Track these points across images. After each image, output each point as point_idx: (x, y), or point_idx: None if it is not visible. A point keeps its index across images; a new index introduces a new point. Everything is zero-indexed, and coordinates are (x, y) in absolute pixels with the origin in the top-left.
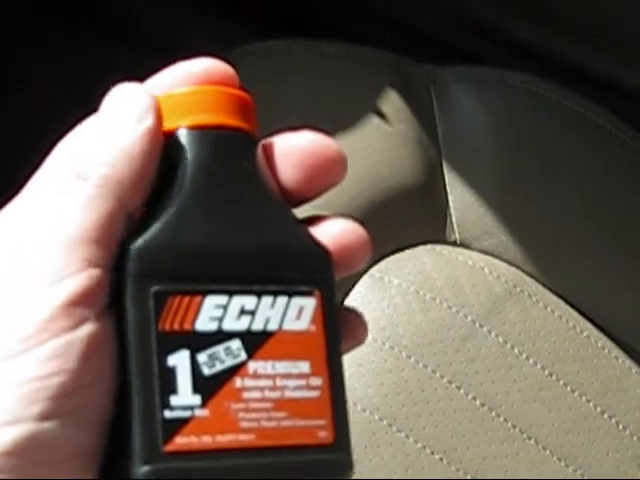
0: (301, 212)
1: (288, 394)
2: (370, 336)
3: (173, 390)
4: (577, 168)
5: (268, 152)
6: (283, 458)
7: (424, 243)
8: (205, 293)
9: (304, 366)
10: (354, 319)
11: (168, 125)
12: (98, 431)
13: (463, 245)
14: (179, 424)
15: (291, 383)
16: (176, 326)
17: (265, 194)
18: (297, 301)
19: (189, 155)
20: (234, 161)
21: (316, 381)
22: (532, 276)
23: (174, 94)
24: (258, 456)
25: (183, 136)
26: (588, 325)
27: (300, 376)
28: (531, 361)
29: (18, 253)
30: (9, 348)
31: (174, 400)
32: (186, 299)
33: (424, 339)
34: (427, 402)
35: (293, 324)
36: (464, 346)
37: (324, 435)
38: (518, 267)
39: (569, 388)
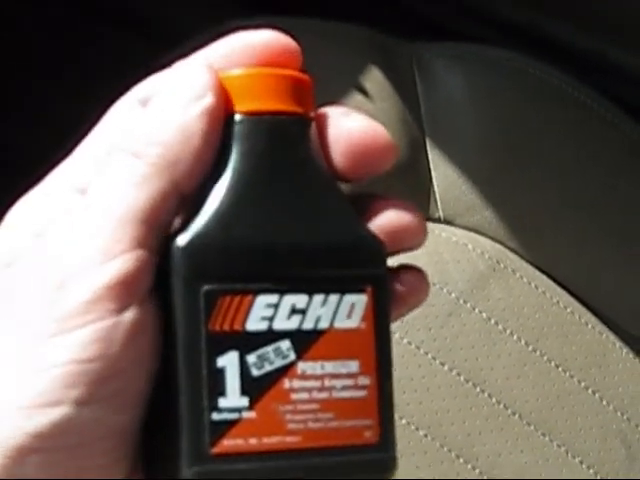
0: None
1: (336, 394)
2: None
3: (221, 392)
4: (560, 144)
5: (320, 131)
6: (328, 459)
7: None
8: (256, 292)
9: (353, 365)
10: (415, 277)
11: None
12: (133, 415)
13: (447, 222)
14: (226, 426)
15: (339, 383)
16: (226, 327)
17: (320, 184)
18: (349, 298)
19: (243, 143)
20: (289, 150)
21: (364, 380)
22: (516, 252)
23: (230, 76)
24: (303, 457)
25: (238, 122)
26: (572, 301)
27: (348, 376)
28: (515, 337)
29: (61, 227)
30: (46, 327)
31: (222, 402)
32: (237, 299)
33: (408, 315)
34: (411, 379)
35: (344, 322)
36: (448, 322)
37: (370, 435)
38: (502, 243)
39: (553, 364)
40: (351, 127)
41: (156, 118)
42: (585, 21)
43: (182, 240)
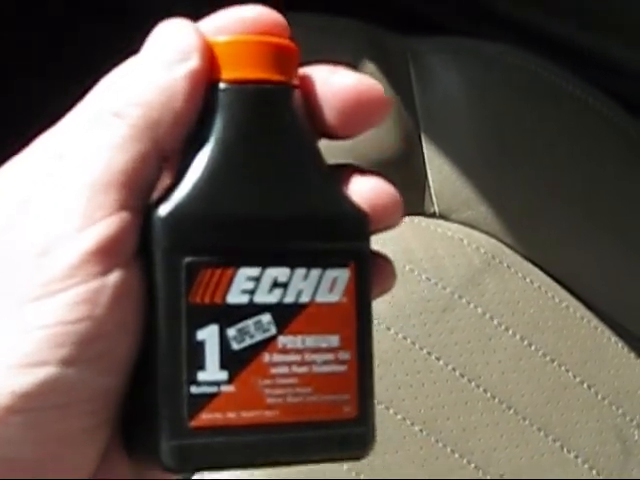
0: None
1: (315, 369)
2: None
3: (201, 366)
4: (555, 140)
5: (307, 91)
6: (306, 434)
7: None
8: (238, 265)
9: (333, 340)
10: (382, 264)
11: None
12: (117, 379)
13: (442, 217)
14: (205, 400)
15: (319, 358)
16: (207, 299)
17: (305, 155)
18: (331, 273)
19: (226, 112)
20: (274, 120)
21: (344, 355)
22: (511, 247)
23: (215, 42)
24: (282, 432)
25: (222, 90)
26: (567, 295)
27: (329, 350)
28: (510, 332)
29: (43, 192)
30: (31, 291)
31: (201, 376)
32: (218, 271)
33: (403, 311)
34: (406, 374)
35: (326, 297)
36: (443, 317)
37: (348, 410)
38: (497, 238)
39: (548, 358)
40: (341, 82)
41: (139, 78)
42: (584, 17)
43: (163, 210)
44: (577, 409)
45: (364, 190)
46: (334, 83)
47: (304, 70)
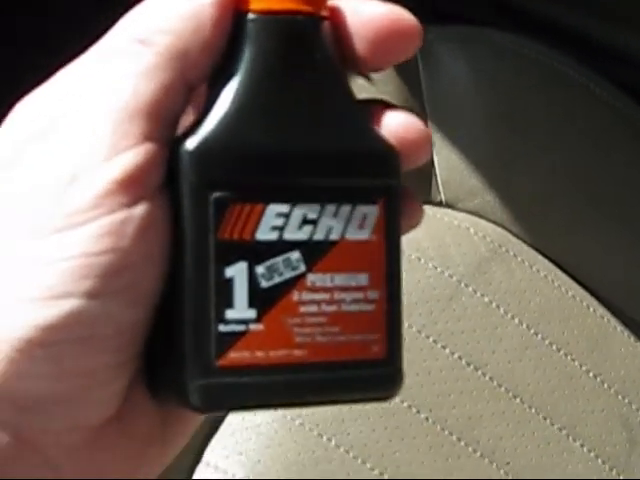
0: None
1: (344, 308)
2: None
3: (229, 303)
4: (562, 128)
5: (336, 22)
6: (334, 373)
7: None
8: (267, 201)
9: (362, 278)
10: (409, 199)
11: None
12: (142, 312)
13: (448, 205)
14: (233, 338)
15: (348, 296)
16: (235, 235)
17: (335, 89)
18: (361, 209)
19: (255, 43)
20: (304, 52)
21: (373, 294)
22: (517, 236)
23: None
24: (310, 371)
25: (250, 20)
26: (573, 284)
27: (358, 289)
28: (517, 320)
29: (67, 122)
30: (55, 222)
31: (229, 314)
32: (247, 207)
33: (410, 299)
34: (413, 362)
35: (355, 234)
36: (449, 306)
37: (376, 349)
38: (503, 227)
39: (554, 347)
40: (372, 12)
41: (165, 5)
42: (592, 6)
43: (190, 144)
44: (583, 398)
45: (393, 125)
46: (364, 13)
47: (332, 1)
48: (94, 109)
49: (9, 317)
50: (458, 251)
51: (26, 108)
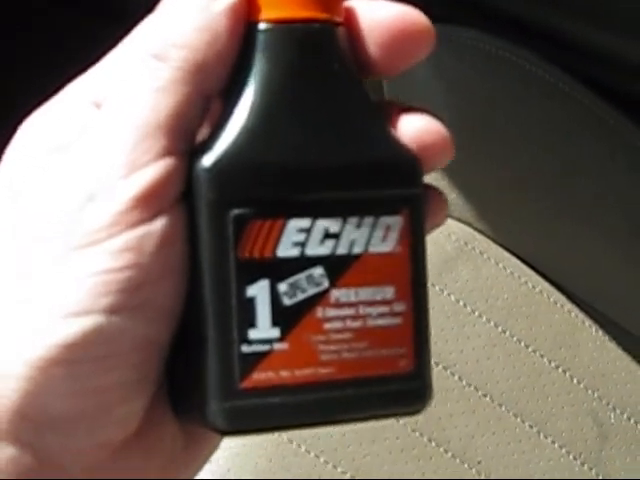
0: None
1: (370, 322)
2: None
3: (252, 323)
4: (525, 124)
5: (350, 26)
6: (362, 390)
7: None
8: (288, 216)
9: (388, 291)
10: (435, 197)
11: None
12: (162, 329)
13: None
14: (257, 359)
15: (374, 311)
16: (256, 253)
17: (352, 97)
18: (384, 221)
19: (269, 54)
20: (320, 61)
21: (399, 307)
22: (483, 233)
23: None
24: (337, 389)
25: (262, 31)
26: (540, 280)
27: (383, 302)
28: (484, 318)
29: (85, 139)
30: (75, 239)
31: (252, 334)
32: (267, 223)
33: None
34: None
35: (379, 246)
36: None
37: (404, 363)
38: (469, 225)
39: (523, 344)
40: (386, 14)
41: (177, 19)
42: (562, 3)
43: (207, 161)
44: (553, 394)
45: (413, 131)
46: (377, 15)
47: (345, 3)
48: (113, 126)
49: (29, 336)
50: None
51: (34, 126)
